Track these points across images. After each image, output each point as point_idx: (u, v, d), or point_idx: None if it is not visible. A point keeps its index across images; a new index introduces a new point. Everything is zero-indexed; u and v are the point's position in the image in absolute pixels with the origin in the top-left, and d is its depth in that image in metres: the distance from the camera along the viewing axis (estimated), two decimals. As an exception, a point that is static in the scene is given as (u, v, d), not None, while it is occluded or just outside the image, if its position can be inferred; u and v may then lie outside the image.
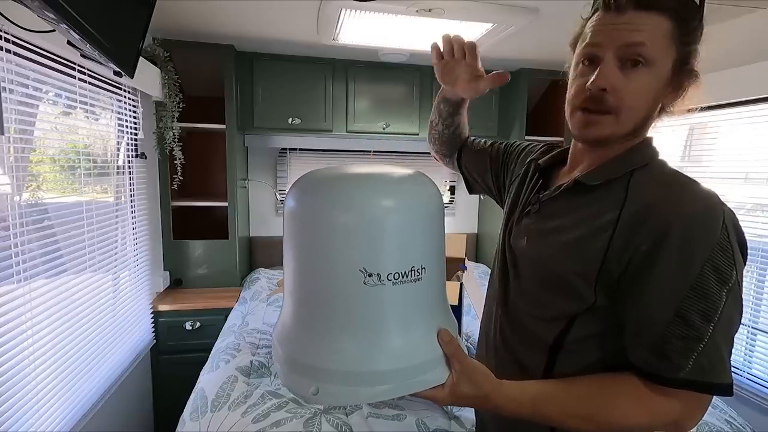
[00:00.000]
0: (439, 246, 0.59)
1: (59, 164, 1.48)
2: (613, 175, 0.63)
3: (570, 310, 0.63)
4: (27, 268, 1.19)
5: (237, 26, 1.87)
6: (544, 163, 0.77)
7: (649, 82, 0.59)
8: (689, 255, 0.54)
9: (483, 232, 2.97)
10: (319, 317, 0.55)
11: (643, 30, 0.57)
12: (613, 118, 0.61)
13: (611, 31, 0.59)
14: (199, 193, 2.46)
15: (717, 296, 0.53)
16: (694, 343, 0.54)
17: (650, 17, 0.57)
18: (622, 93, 0.59)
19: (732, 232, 0.54)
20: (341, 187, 0.54)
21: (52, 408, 1.30)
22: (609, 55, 0.59)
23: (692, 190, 0.57)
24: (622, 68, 0.59)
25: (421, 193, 0.57)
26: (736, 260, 0.54)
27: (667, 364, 0.55)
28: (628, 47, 0.58)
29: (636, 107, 0.60)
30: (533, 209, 0.72)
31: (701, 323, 0.53)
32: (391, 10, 1.54)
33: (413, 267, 0.54)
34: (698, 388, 0.54)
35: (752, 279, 1.72)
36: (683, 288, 0.54)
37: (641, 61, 0.58)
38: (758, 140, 1.66)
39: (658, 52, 0.58)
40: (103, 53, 1.05)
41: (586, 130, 0.63)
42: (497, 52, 2.09)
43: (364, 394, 0.53)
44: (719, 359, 0.54)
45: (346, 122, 2.37)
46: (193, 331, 2.06)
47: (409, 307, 0.55)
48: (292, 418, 1.15)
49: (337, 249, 0.52)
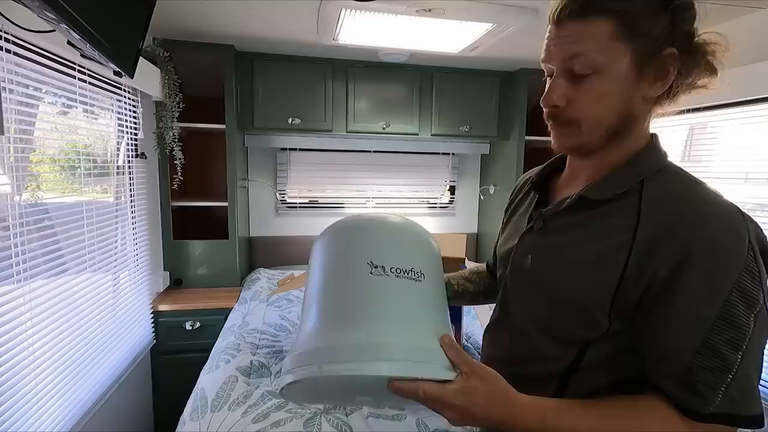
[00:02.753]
0: (437, 275, 0.65)
1: (59, 164, 1.48)
2: (622, 188, 0.59)
3: (582, 336, 0.60)
4: (27, 268, 1.19)
5: (237, 26, 1.87)
6: (537, 176, 0.75)
7: (602, 87, 0.57)
8: (715, 281, 0.50)
9: (483, 232, 2.97)
10: (331, 310, 0.58)
11: (582, 39, 0.56)
12: (576, 129, 0.60)
13: (554, 46, 0.59)
14: (199, 193, 2.46)
15: (745, 323, 0.50)
16: (723, 374, 0.51)
17: (588, 24, 0.56)
18: (576, 104, 0.59)
19: (758, 249, 0.52)
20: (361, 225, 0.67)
21: (52, 408, 1.30)
22: (556, 70, 0.59)
23: (713, 205, 0.54)
24: (572, 80, 0.58)
25: (421, 229, 0.69)
26: (762, 281, 0.51)
27: (695, 397, 0.52)
28: (568, 60, 0.57)
29: (597, 115, 0.58)
30: (537, 225, 0.68)
31: (730, 353, 0.50)
32: (391, 10, 1.54)
33: (413, 268, 0.60)
34: (727, 421, 0.52)
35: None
36: (710, 316, 0.51)
37: (588, 71, 0.56)
38: (758, 140, 1.66)
39: (603, 56, 0.56)
40: (103, 53, 1.05)
41: (557, 142, 0.64)
42: (497, 52, 2.09)
43: (368, 368, 0.51)
44: (750, 390, 0.52)
45: (346, 122, 2.37)
46: (193, 331, 2.06)
47: (412, 300, 0.58)
48: (292, 418, 1.15)
49: (350, 251, 0.62)
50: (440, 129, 2.47)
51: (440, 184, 2.91)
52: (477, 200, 3.00)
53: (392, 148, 2.71)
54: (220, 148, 2.17)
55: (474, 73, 2.45)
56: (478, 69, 2.44)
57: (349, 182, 2.75)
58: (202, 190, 2.48)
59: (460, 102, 2.47)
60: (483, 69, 2.45)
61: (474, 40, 1.85)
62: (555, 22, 0.59)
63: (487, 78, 2.47)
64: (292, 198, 2.72)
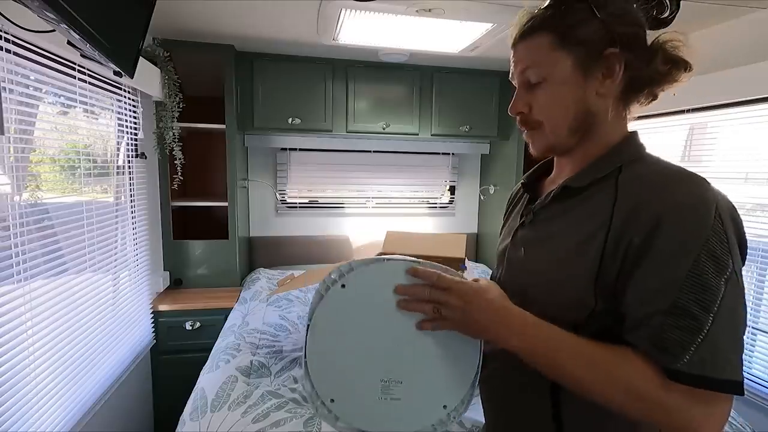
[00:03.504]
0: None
1: (59, 164, 1.48)
2: (600, 174, 0.64)
3: (573, 317, 0.62)
4: (27, 268, 1.19)
5: (237, 26, 1.87)
6: (527, 178, 0.81)
7: (553, 91, 0.65)
8: (684, 243, 0.53)
9: (483, 232, 2.97)
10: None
11: (528, 54, 0.66)
12: (542, 131, 0.68)
13: (514, 65, 0.69)
14: (199, 193, 2.46)
15: (715, 286, 0.52)
16: (693, 334, 0.52)
17: (532, 41, 0.65)
18: (536, 109, 0.67)
19: (728, 221, 0.54)
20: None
21: (52, 408, 1.30)
22: (517, 84, 0.70)
23: (683, 181, 0.57)
24: (529, 90, 0.67)
25: None
26: (731, 249, 0.53)
27: (667, 356, 0.53)
28: (523, 73, 0.67)
29: (556, 115, 0.66)
30: (527, 220, 0.73)
31: (700, 313, 0.52)
32: (391, 10, 1.54)
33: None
34: (700, 383, 0.52)
35: (752, 279, 1.72)
36: (680, 277, 0.53)
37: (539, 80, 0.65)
38: (758, 140, 1.66)
39: (547, 66, 0.64)
40: (103, 53, 1.05)
41: (533, 146, 0.71)
42: (497, 52, 2.09)
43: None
44: (723, 355, 0.52)
45: (346, 122, 2.37)
46: (193, 331, 2.06)
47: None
48: (292, 418, 1.15)
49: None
50: (440, 129, 2.47)
51: (440, 184, 2.91)
52: (477, 200, 3.00)
53: (392, 148, 2.72)
54: (220, 148, 2.17)
55: (474, 73, 2.45)
56: (478, 69, 2.44)
57: (349, 182, 2.75)
58: (202, 190, 2.48)
59: (460, 102, 2.47)
60: (483, 69, 2.45)
61: (474, 40, 1.85)
62: (512, 46, 0.70)
63: (487, 78, 2.47)
64: (292, 198, 2.72)
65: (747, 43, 1.58)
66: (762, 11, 1.56)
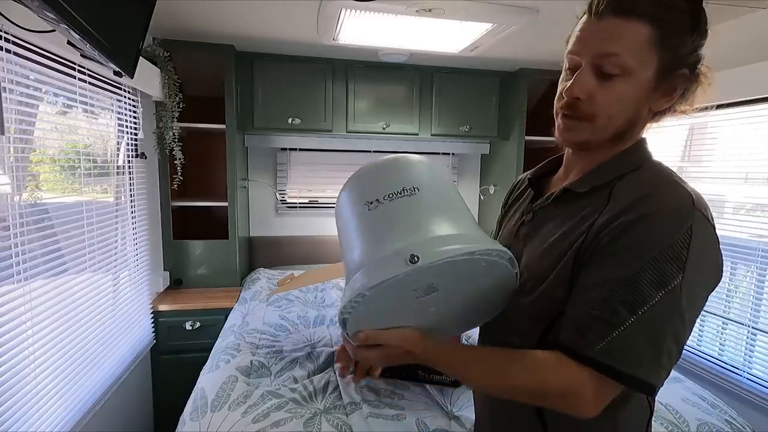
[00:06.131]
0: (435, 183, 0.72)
1: (59, 164, 1.48)
2: (600, 181, 0.64)
3: (549, 311, 0.64)
4: (27, 268, 1.19)
5: (237, 26, 1.87)
6: (533, 174, 0.80)
7: (625, 90, 0.59)
8: (641, 247, 0.54)
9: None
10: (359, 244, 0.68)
11: (619, 39, 0.57)
12: (589, 125, 0.62)
13: (589, 39, 0.60)
14: (199, 193, 2.46)
15: (648, 294, 0.53)
16: (611, 327, 0.55)
17: (629, 24, 0.57)
18: (596, 101, 0.60)
19: (698, 239, 0.54)
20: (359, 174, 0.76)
21: (52, 408, 1.30)
22: (586, 63, 0.60)
23: (671, 190, 0.57)
24: (598, 76, 0.60)
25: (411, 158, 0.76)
26: (687, 265, 0.53)
27: (581, 340, 0.56)
28: (602, 57, 0.58)
29: (612, 115, 0.61)
30: (527, 218, 0.74)
31: (623, 312, 0.54)
32: (391, 10, 1.54)
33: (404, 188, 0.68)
34: (605, 371, 0.54)
35: (752, 279, 1.72)
36: (620, 278, 0.55)
37: (617, 71, 0.58)
38: (758, 140, 1.66)
39: (635, 61, 0.57)
40: (103, 53, 1.05)
41: (564, 134, 0.66)
42: (497, 52, 2.09)
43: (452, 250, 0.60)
44: (634, 352, 0.54)
45: (346, 122, 2.37)
46: (193, 331, 2.06)
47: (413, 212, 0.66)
48: (292, 418, 1.15)
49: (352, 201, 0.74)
50: (440, 129, 2.47)
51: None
52: (477, 200, 3.00)
53: (392, 148, 2.71)
54: (220, 148, 2.17)
55: (474, 73, 2.45)
56: (478, 69, 2.44)
57: (349, 182, 2.75)
58: (202, 190, 2.48)
59: (460, 102, 2.47)
60: (483, 69, 2.45)
61: (474, 40, 1.85)
62: (596, 14, 0.59)
63: (487, 78, 2.47)
64: (292, 198, 2.72)
65: (747, 43, 1.58)
66: (762, 11, 1.56)
